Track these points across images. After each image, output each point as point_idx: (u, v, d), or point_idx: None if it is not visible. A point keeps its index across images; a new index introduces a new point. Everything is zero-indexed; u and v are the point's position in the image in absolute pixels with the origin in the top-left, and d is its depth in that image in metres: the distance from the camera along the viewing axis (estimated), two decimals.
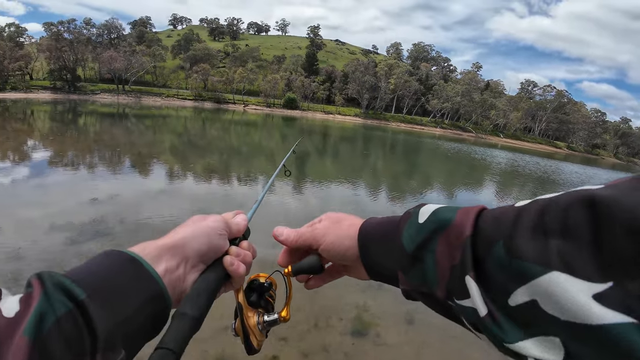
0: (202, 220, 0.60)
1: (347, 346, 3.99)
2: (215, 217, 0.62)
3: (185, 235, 0.56)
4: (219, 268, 0.57)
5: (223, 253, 0.59)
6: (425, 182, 16.24)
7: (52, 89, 56.44)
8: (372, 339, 4.14)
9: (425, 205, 0.51)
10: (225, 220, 0.64)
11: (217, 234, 0.58)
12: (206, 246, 0.56)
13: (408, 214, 0.52)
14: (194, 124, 35.25)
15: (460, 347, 4.41)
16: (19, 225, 6.18)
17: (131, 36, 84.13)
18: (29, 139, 16.54)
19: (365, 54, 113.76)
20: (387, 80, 76.56)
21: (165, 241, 0.54)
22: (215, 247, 0.58)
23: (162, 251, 0.52)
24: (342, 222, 0.64)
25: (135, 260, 0.47)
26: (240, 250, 0.62)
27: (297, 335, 4.02)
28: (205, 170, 12.95)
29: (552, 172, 29.20)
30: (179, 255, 0.53)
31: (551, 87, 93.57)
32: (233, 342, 3.72)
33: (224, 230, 0.60)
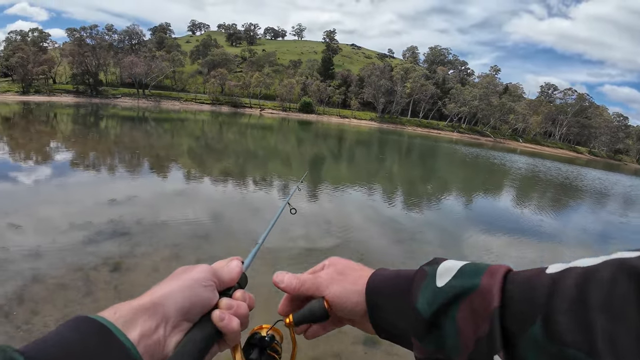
0: (185, 272, 0.53)
1: (359, 355, 3.91)
2: (202, 267, 0.55)
3: (163, 292, 0.49)
4: (207, 325, 0.50)
5: (212, 307, 0.52)
6: (443, 188, 15.98)
7: (75, 92, 58.19)
8: (385, 349, 4.04)
9: (441, 264, 0.47)
10: (213, 269, 0.56)
11: (202, 286, 0.52)
12: (188, 301, 0.49)
13: (423, 273, 0.48)
14: (211, 127, 35.72)
15: None
16: (39, 224, 6.33)
17: (151, 42, 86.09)
18: (52, 140, 17.03)
19: (381, 57, 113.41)
20: (403, 84, 76.06)
21: (141, 301, 0.47)
22: (199, 301, 0.51)
23: (137, 313, 0.45)
24: (348, 272, 0.59)
25: (105, 328, 0.41)
26: (232, 301, 0.54)
27: (308, 343, 3.97)
28: (221, 173, 13.07)
29: (574, 178, 28.37)
30: (158, 316, 0.46)
31: (572, 91, 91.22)
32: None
33: (211, 280, 0.53)
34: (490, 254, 7.60)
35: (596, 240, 10.60)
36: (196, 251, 5.84)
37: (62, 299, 4.24)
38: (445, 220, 10.10)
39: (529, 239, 9.08)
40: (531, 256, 7.81)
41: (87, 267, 4.99)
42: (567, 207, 15.49)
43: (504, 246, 8.27)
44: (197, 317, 0.51)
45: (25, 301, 4.11)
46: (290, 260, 5.94)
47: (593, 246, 9.74)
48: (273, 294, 4.42)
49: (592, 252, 9.22)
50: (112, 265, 5.10)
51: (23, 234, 5.88)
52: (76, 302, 4.20)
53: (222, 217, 7.85)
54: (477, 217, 11.13)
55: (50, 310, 4.00)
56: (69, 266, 4.97)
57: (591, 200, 18.49)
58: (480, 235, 8.92)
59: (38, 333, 3.63)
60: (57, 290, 4.41)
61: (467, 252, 7.60)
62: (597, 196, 20.35)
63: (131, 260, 5.31)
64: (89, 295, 4.39)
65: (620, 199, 21.16)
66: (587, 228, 11.88)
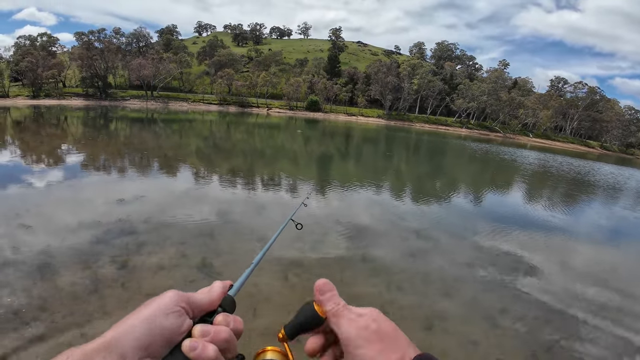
0: (150, 302, 0.48)
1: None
2: (168, 293, 0.49)
3: (120, 329, 0.44)
4: (178, 357, 0.45)
5: (183, 335, 0.47)
6: (455, 184, 15.89)
7: (85, 95, 59.00)
8: None
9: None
10: (184, 295, 0.50)
11: (164, 314, 0.46)
12: (148, 335, 0.44)
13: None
14: (219, 127, 35.94)
15: (481, 353, 4.26)
16: (49, 224, 6.46)
17: (158, 44, 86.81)
18: (63, 143, 17.32)
19: (388, 54, 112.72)
20: (410, 80, 75.54)
21: (94, 344, 0.43)
22: (162, 333, 0.45)
23: (90, 356, 0.41)
24: (388, 341, 0.51)
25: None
26: (208, 327, 0.48)
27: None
28: (228, 173, 13.16)
29: (586, 173, 27.92)
30: (113, 356, 0.42)
31: (582, 84, 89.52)
32: None
33: (177, 306, 0.48)
34: (508, 256, 7.56)
35: (612, 236, 10.46)
36: (202, 249, 5.91)
37: (70, 296, 4.33)
38: (465, 223, 10.04)
39: (547, 237, 8.99)
40: (554, 258, 7.76)
41: (95, 265, 5.09)
42: (580, 203, 15.27)
43: (522, 247, 8.21)
44: (164, 350, 0.45)
45: (34, 298, 4.22)
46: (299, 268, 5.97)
47: (608, 243, 9.62)
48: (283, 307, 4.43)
49: (606, 248, 9.11)
50: (119, 263, 5.20)
51: (33, 233, 6.01)
52: (83, 300, 4.29)
53: (227, 216, 7.91)
54: (494, 215, 11.06)
55: (59, 307, 4.10)
56: (77, 264, 5.07)
57: (606, 195, 18.20)
58: (497, 235, 8.87)
59: (45, 330, 3.72)
60: (66, 287, 4.50)
61: (490, 253, 7.57)
62: (611, 191, 20.02)
63: (138, 258, 5.40)
64: (96, 292, 4.48)
65: (634, 194, 20.78)
66: (601, 224, 11.72)
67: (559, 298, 5.75)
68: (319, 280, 0.58)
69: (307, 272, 5.62)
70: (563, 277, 6.58)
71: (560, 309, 5.42)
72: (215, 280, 0.56)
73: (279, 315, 4.39)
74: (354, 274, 5.78)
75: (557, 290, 6.00)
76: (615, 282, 6.67)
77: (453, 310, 5.06)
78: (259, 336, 3.98)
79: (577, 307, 5.52)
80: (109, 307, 4.19)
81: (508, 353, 4.31)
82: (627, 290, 6.37)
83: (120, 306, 4.23)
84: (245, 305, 4.45)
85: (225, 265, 5.54)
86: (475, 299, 5.46)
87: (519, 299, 5.57)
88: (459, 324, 4.77)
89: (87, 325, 3.85)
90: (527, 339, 4.63)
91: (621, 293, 6.22)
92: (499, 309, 5.25)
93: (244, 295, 4.69)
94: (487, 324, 4.84)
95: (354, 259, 6.27)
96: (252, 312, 4.43)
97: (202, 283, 4.96)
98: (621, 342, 4.78)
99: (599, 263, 7.72)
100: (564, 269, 7.01)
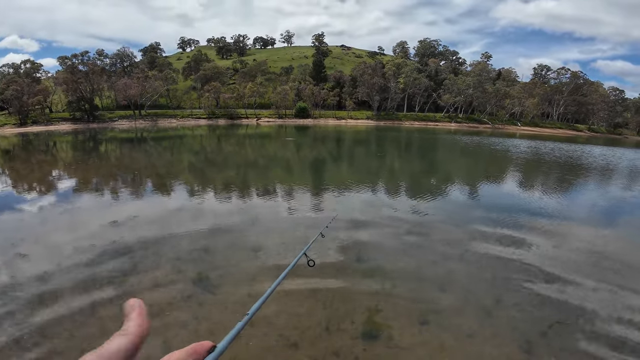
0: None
1: (358, 351, 4.01)
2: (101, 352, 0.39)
3: None
4: None
5: None
6: (448, 179, 16.06)
7: (72, 119, 58.72)
8: (385, 342, 4.15)
9: None
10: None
11: None
12: None
13: None
14: (210, 141, 35.93)
15: (477, 345, 4.36)
16: (45, 251, 6.50)
17: (143, 62, 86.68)
18: (53, 169, 17.28)
19: (372, 55, 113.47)
20: (396, 79, 76.12)
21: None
22: None
23: None
24: None
25: None
26: None
27: (307, 341, 4.08)
28: (220, 187, 13.22)
29: (579, 157, 28.24)
30: None
31: (565, 70, 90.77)
32: None
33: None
34: (500, 246, 7.69)
35: (606, 218, 10.64)
36: (197, 264, 5.98)
37: (69, 320, 4.39)
38: (458, 217, 10.18)
39: (539, 224, 9.15)
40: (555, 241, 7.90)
41: (92, 288, 5.15)
42: (575, 187, 15.47)
43: (515, 236, 8.35)
44: None
45: (34, 325, 4.27)
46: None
47: (601, 226, 9.80)
48: None
49: (600, 231, 9.28)
50: (116, 284, 5.25)
51: (30, 261, 6.06)
52: (82, 323, 4.35)
53: (221, 229, 7.98)
54: (487, 206, 11.21)
55: (59, 331, 4.15)
56: (74, 288, 5.12)
57: (599, 177, 18.45)
58: (490, 226, 9.01)
59: (46, 355, 3.77)
60: (64, 313, 4.56)
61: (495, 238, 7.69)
62: (604, 173, 20.31)
63: (134, 277, 5.46)
64: (94, 314, 4.53)
65: (627, 174, 21.08)
66: (595, 206, 11.92)
67: (551, 284, 5.88)
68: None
69: (298, 272, 5.70)
70: (555, 263, 6.71)
71: (552, 294, 5.55)
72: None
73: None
74: (348, 273, 5.87)
75: (549, 277, 6.13)
76: (608, 264, 6.82)
77: (448, 304, 5.17)
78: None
79: (569, 291, 5.65)
80: (107, 328, 4.25)
81: (503, 342, 4.42)
82: (621, 271, 6.51)
83: (119, 326, 4.28)
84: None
85: (221, 277, 5.62)
86: (469, 291, 5.58)
87: (512, 289, 5.70)
88: (454, 317, 4.87)
89: (88, 347, 3.90)
90: (521, 326, 4.74)
91: (614, 274, 6.37)
92: (492, 299, 5.36)
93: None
94: (482, 315, 4.95)
95: (349, 260, 6.36)
96: None
97: (199, 298, 5.04)
98: (614, 321, 4.91)
99: (591, 246, 7.87)
100: (556, 255, 7.15)
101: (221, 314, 4.68)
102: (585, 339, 4.51)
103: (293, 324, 4.45)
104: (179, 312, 4.65)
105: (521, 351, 4.26)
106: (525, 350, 4.26)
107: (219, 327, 4.38)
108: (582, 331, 4.64)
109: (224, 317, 4.62)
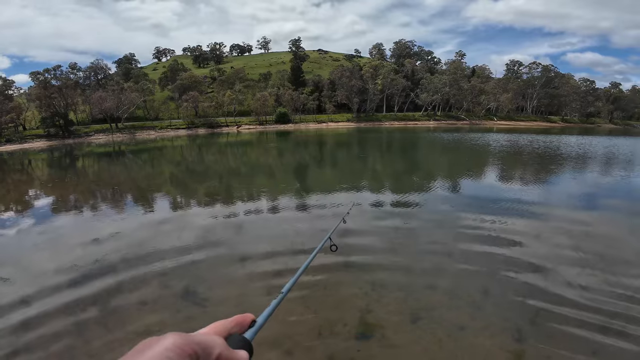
0: (145, 347, 0.38)
1: (353, 352, 4.01)
2: (171, 336, 0.40)
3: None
4: None
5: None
6: (431, 176, 16.27)
7: (47, 136, 57.00)
8: (378, 341, 4.16)
9: None
10: (188, 337, 0.42)
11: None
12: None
13: None
14: (191, 151, 35.48)
15: (470, 337, 4.42)
16: (26, 274, 6.27)
17: (117, 74, 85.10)
18: (30, 189, 16.73)
19: (349, 58, 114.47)
20: (374, 81, 76.99)
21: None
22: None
23: None
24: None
25: None
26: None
27: (302, 348, 4.05)
28: (204, 196, 13.05)
29: (557, 148, 29.07)
30: None
31: (537, 64, 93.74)
32: None
33: (182, 354, 0.39)
34: (486, 239, 7.81)
35: (587, 203, 10.94)
36: (184, 278, 5.87)
37: (56, 343, 4.24)
38: (442, 213, 10.30)
39: (523, 213, 9.34)
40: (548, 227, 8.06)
41: (76, 309, 4.99)
42: (558, 175, 15.87)
43: (499, 228, 8.50)
44: None
45: (20, 352, 4.10)
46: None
47: (583, 210, 10.07)
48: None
49: (581, 215, 9.54)
50: (100, 304, 5.11)
51: (11, 285, 5.84)
52: (70, 346, 4.20)
53: (206, 240, 7.85)
54: (471, 200, 11.38)
55: (44, 356, 4.01)
56: (58, 311, 4.96)
57: (578, 165, 19.01)
58: (475, 220, 9.15)
59: None
60: (50, 335, 4.40)
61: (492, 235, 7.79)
62: (582, 160, 20.95)
63: (119, 296, 5.32)
64: (81, 336, 4.39)
65: (603, 161, 21.82)
66: (576, 192, 12.26)
67: (536, 272, 6.02)
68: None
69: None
70: (538, 252, 6.87)
71: (538, 282, 5.68)
72: (239, 317, 0.49)
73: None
74: (337, 277, 5.86)
75: (533, 266, 6.27)
76: (589, 249, 7.02)
77: (437, 300, 5.23)
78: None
79: (553, 278, 5.79)
80: (95, 350, 4.12)
81: (495, 332, 4.49)
82: (603, 256, 6.71)
83: (106, 347, 4.17)
84: None
85: (209, 289, 5.53)
86: (458, 285, 5.65)
87: (499, 280, 5.80)
88: (445, 312, 4.93)
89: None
90: (510, 316, 4.83)
91: (596, 258, 6.56)
92: (481, 291, 5.45)
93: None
94: (472, 308, 5.02)
95: (337, 264, 6.35)
96: None
97: (188, 310, 4.95)
98: (598, 304, 5.05)
99: (573, 233, 8.09)
100: (539, 244, 7.32)
101: None
102: (571, 323, 4.62)
103: (285, 332, 4.41)
104: (168, 329, 4.54)
105: (513, 340, 4.34)
106: (516, 339, 4.34)
107: None
108: (568, 316, 4.76)
109: None
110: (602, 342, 4.24)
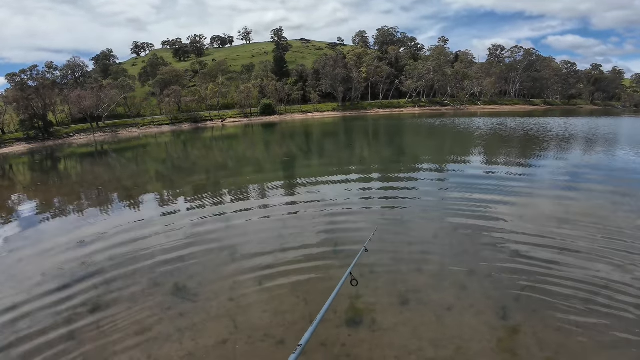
0: None
1: (344, 338, 4.11)
2: None
3: None
4: None
5: None
6: (417, 161, 16.42)
7: (26, 139, 55.45)
8: (368, 326, 4.27)
9: None
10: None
11: None
12: None
13: None
14: (175, 147, 35.01)
15: (457, 317, 4.56)
16: (12, 281, 6.19)
17: (96, 72, 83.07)
18: (12, 193, 16.36)
19: (332, 47, 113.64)
20: (358, 69, 76.75)
21: None
22: None
23: None
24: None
25: None
26: None
27: (293, 336, 4.13)
28: (190, 193, 12.94)
29: (543, 130, 29.58)
30: None
31: (518, 48, 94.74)
32: None
33: None
34: (472, 220, 7.97)
35: (571, 182, 11.22)
36: (173, 274, 5.88)
37: (48, 349, 4.23)
38: (429, 196, 10.43)
39: (508, 194, 9.54)
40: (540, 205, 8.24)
41: (67, 313, 4.97)
42: (543, 157, 16.19)
43: (485, 209, 8.67)
44: None
45: (15, 358, 4.09)
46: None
47: (566, 189, 10.31)
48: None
49: (565, 194, 9.77)
50: (91, 306, 5.09)
51: None
52: (63, 351, 4.20)
53: (194, 236, 7.83)
54: (458, 183, 11.54)
55: None
56: (48, 317, 4.93)
57: (561, 145, 19.42)
58: (461, 202, 9.30)
59: None
60: (42, 343, 4.38)
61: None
62: (565, 141, 21.40)
63: (109, 296, 5.31)
64: (74, 339, 4.39)
65: (584, 141, 22.31)
66: (560, 172, 12.54)
67: (519, 252, 6.20)
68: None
69: (278, 270, 5.73)
70: (522, 231, 7.06)
71: (521, 261, 5.86)
72: None
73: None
74: (325, 265, 5.94)
75: (516, 246, 6.46)
76: (571, 228, 7.24)
77: (425, 282, 5.36)
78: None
79: (536, 256, 5.98)
80: (89, 353, 4.13)
81: (480, 311, 4.64)
82: (585, 235, 6.93)
83: (101, 349, 4.18)
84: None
85: (200, 285, 5.55)
86: (444, 268, 5.79)
87: (484, 259, 5.97)
88: (433, 293, 5.06)
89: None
90: (495, 294, 4.99)
91: (578, 237, 6.78)
92: (466, 272, 5.60)
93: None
94: (458, 288, 5.17)
95: (326, 252, 6.43)
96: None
97: (179, 308, 4.97)
98: (579, 282, 5.24)
99: (557, 210, 8.32)
100: (522, 223, 7.52)
101: (204, 321, 4.65)
102: (556, 297, 4.80)
103: (277, 322, 4.48)
104: (161, 326, 4.58)
105: (498, 317, 4.49)
106: (501, 317, 4.50)
107: (203, 336, 4.35)
108: (553, 291, 4.94)
109: (207, 324, 4.58)
110: (586, 315, 4.43)
